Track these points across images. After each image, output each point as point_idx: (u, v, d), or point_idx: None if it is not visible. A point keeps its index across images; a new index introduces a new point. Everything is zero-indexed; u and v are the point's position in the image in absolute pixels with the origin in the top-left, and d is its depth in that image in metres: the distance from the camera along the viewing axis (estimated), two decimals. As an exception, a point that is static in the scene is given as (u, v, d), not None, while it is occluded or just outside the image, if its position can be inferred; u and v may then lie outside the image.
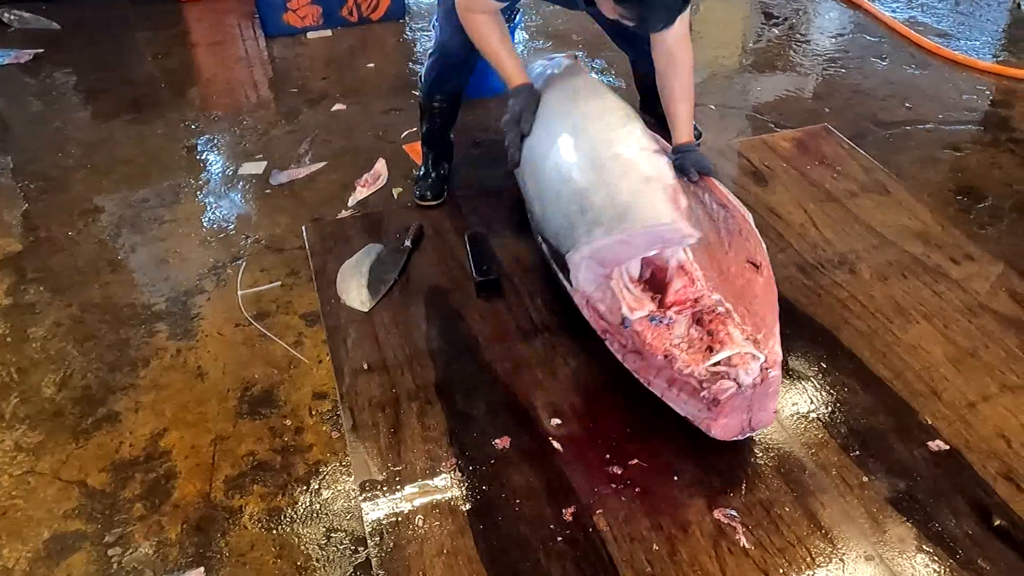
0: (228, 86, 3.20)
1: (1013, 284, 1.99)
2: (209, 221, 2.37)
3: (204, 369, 1.87)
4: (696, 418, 1.54)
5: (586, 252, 1.62)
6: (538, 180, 1.86)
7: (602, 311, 1.64)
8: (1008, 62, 3.19)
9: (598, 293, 1.65)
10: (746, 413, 1.52)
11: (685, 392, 1.53)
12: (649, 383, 1.60)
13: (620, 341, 1.63)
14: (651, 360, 1.55)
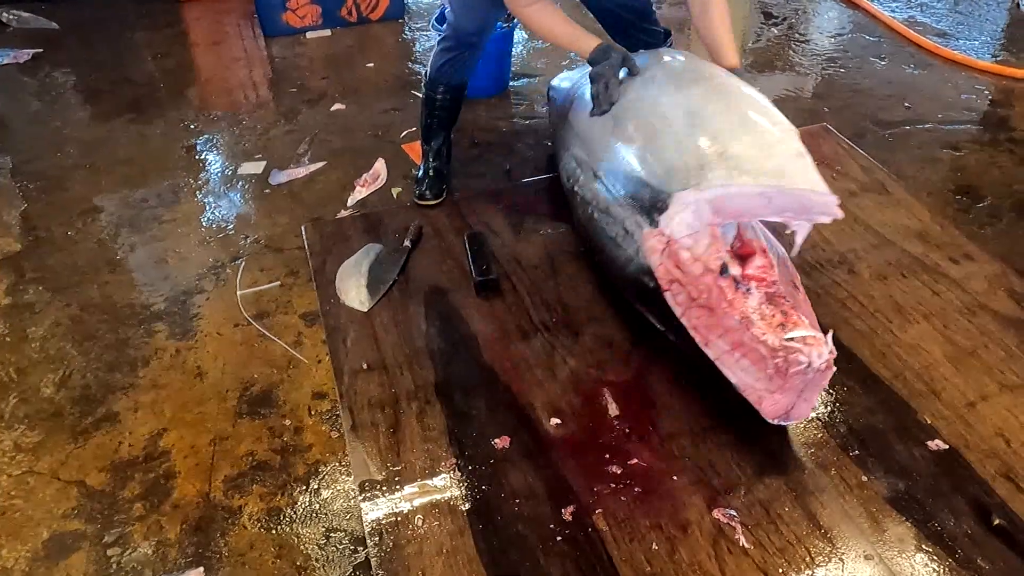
0: (227, 86, 3.20)
1: (1012, 283, 1.99)
2: (208, 221, 2.37)
3: (203, 369, 1.87)
4: (750, 388, 1.52)
5: (715, 194, 1.53)
6: (649, 113, 1.77)
7: (683, 259, 1.56)
8: (1007, 62, 3.19)
9: (688, 240, 1.56)
10: (797, 397, 1.51)
11: (748, 358, 1.50)
12: (707, 343, 1.55)
13: (691, 294, 1.56)
14: (723, 320, 1.51)
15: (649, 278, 1.63)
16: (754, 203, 1.54)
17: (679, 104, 1.73)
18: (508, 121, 2.81)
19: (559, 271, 2.07)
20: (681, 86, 1.79)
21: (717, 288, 1.53)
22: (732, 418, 1.65)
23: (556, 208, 2.32)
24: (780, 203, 1.54)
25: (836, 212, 1.53)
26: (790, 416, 1.56)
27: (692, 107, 1.70)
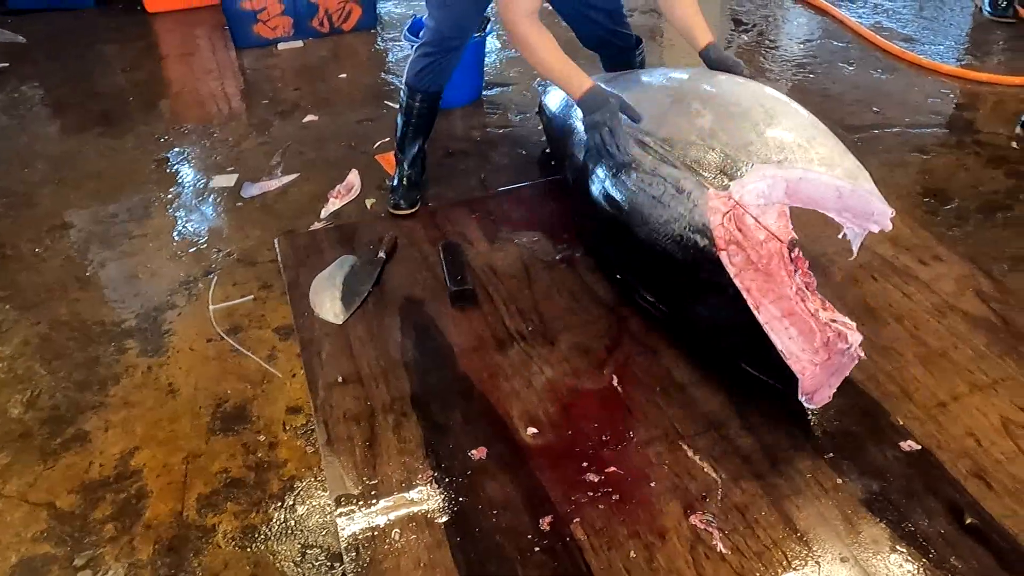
0: (198, 98, 3.17)
1: (980, 284, 2.02)
2: (180, 235, 2.35)
3: (176, 386, 1.84)
4: (795, 357, 1.55)
5: (795, 175, 1.61)
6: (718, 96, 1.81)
7: (747, 223, 1.59)
8: (972, 65, 3.24)
9: (755, 209, 1.61)
10: (827, 378, 1.57)
11: (797, 327, 1.56)
12: (759, 306, 1.57)
13: (750, 256, 1.58)
14: (778, 287, 1.56)
15: (701, 236, 1.64)
16: (826, 194, 1.64)
17: (751, 95, 1.81)
18: (482, 130, 2.82)
19: (534, 280, 2.07)
20: (741, 82, 1.88)
21: (779, 256, 1.58)
22: (708, 423, 1.66)
23: (532, 216, 2.32)
24: (847, 202, 1.65)
25: (888, 224, 1.67)
26: (815, 399, 1.59)
27: (765, 101, 1.78)
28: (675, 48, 3.46)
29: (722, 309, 1.64)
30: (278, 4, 3.43)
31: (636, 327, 1.92)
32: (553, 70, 1.90)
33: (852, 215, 1.67)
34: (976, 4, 3.72)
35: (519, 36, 1.90)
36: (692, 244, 1.66)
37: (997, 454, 1.58)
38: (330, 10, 3.53)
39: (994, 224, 2.30)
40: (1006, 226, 2.29)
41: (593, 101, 1.85)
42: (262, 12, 3.43)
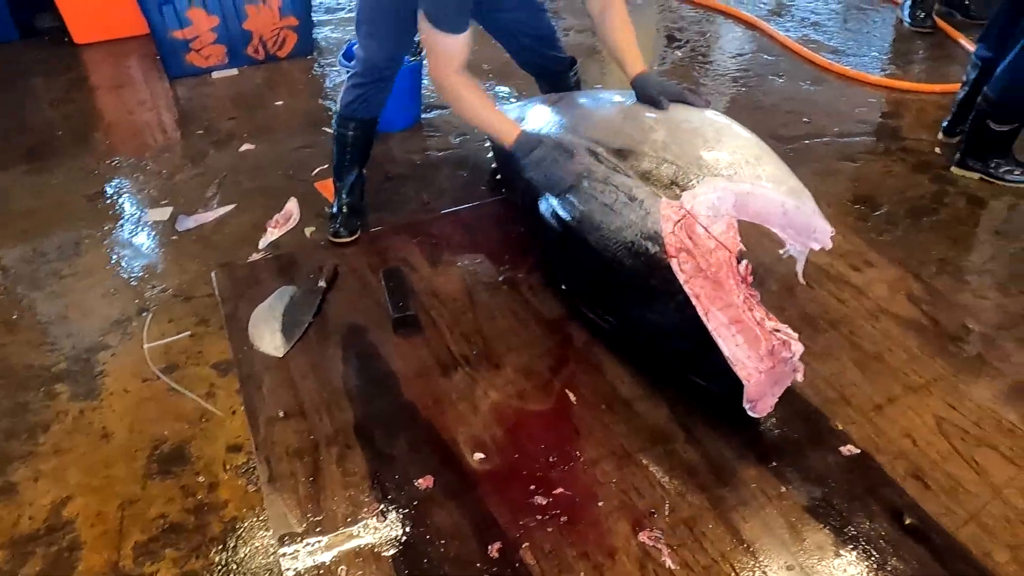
0: (131, 130, 3.10)
1: (911, 287, 2.08)
2: (113, 273, 2.28)
3: (109, 429, 1.78)
4: (742, 364, 1.57)
5: (744, 189, 1.65)
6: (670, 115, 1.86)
7: (697, 232, 1.62)
8: (895, 75, 3.36)
9: (706, 219, 1.64)
10: (769, 386, 1.60)
11: (743, 335, 1.58)
12: (707, 312, 1.58)
13: (700, 264, 1.61)
14: (726, 295, 1.59)
15: (652, 243, 1.66)
16: (772, 210, 1.68)
17: (700, 115, 1.86)
18: (422, 154, 2.81)
19: (477, 303, 2.06)
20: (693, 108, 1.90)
21: (728, 265, 1.61)
22: (654, 438, 1.67)
23: (474, 238, 2.32)
24: (791, 219, 1.69)
25: (828, 243, 1.71)
26: (758, 407, 1.62)
27: (715, 122, 1.83)
28: (613, 64, 3.51)
29: (671, 316, 1.66)
30: (211, 33, 3.38)
31: (580, 344, 1.92)
32: (483, 123, 1.97)
33: (795, 231, 1.72)
34: (897, 16, 3.87)
35: (448, 92, 1.93)
36: (643, 251, 1.67)
37: (933, 454, 1.62)
38: (264, 37, 3.49)
39: (921, 228, 2.38)
40: (932, 229, 2.37)
41: (527, 144, 1.91)
42: (194, 41, 3.37)
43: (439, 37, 1.85)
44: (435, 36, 1.85)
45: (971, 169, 2.57)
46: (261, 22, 3.45)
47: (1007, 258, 2.24)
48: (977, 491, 1.54)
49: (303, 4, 3.51)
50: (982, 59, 2.60)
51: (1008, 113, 2.45)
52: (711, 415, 1.71)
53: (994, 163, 2.53)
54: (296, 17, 3.50)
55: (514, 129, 1.93)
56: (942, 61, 3.49)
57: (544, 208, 1.98)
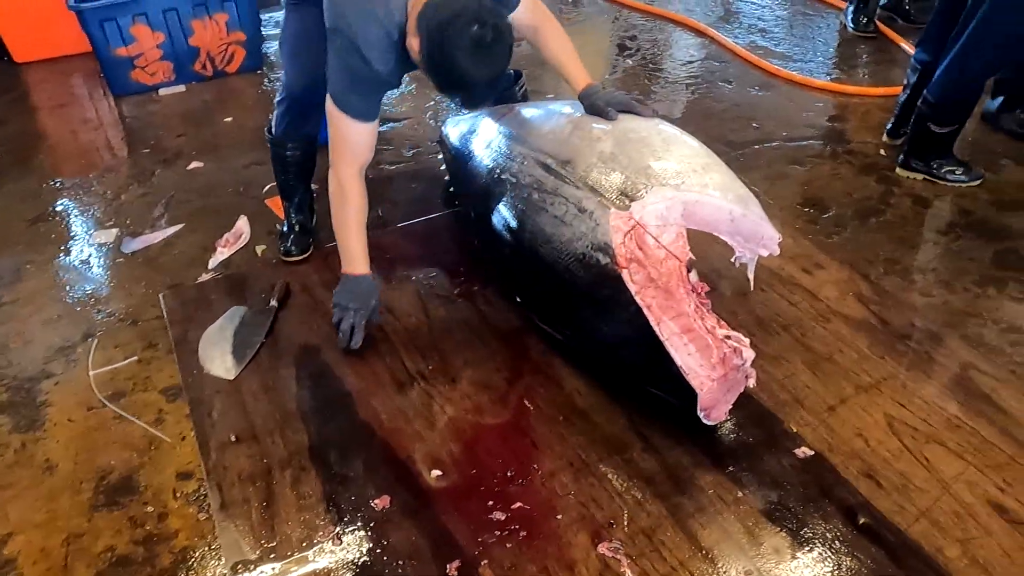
0: (75, 151, 3.02)
1: (860, 288, 2.11)
2: (56, 298, 2.21)
3: (53, 461, 1.72)
4: (694, 373, 1.57)
5: (692, 198, 1.65)
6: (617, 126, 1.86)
7: (648, 243, 1.62)
8: (840, 79, 3.43)
9: (655, 229, 1.64)
10: (722, 394, 1.61)
11: (695, 344, 1.58)
12: (659, 322, 1.58)
13: (650, 275, 1.61)
14: (678, 304, 1.59)
15: (603, 254, 1.66)
16: (720, 218, 1.69)
17: (647, 125, 1.87)
18: (375, 168, 2.78)
19: (433, 317, 2.05)
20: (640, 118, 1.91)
21: (678, 274, 1.61)
22: (612, 448, 1.67)
23: (428, 252, 2.30)
24: (739, 226, 1.70)
25: (776, 249, 1.73)
26: (711, 415, 1.62)
27: (663, 131, 1.84)
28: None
29: (623, 327, 1.66)
30: (156, 50, 3.31)
31: (536, 356, 1.91)
32: (341, 240, 1.93)
33: (743, 239, 1.73)
34: (841, 21, 3.95)
35: (337, 185, 1.89)
36: (594, 262, 1.67)
37: (884, 452, 1.65)
38: (212, 53, 3.43)
39: (869, 229, 2.42)
40: (879, 230, 2.42)
41: (353, 287, 1.90)
42: (139, 58, 3.31)
43: (346, 125, 1.80)
44: (340, 119, 1.80)
45: (914, 170, 2.63)
46: (208, 38, 3.39)
47: (951, 256, 2.29)
48: (927, 487, 1.57)
49: (251, 19, 3.46)
50: (921, 63, 2.66)
51: (947, 115, 2.51)
52: (668, 423, 1.72)
53: (936, 163, 2.59)
54: (244, 32, 3.45)
55: (359, 267, 1.91)
56: (885, 65, 3.57)
57: (496, 221, 1.97)
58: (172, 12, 3.27)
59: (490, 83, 1.69)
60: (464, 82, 1.64)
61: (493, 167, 2.02)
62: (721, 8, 4.20)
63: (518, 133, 2.03)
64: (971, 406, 1.75)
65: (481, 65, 1.62)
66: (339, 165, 1.88)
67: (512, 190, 1.92)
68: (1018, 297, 2.12)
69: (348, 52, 1.73)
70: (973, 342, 1.96)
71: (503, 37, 1.63)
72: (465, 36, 1.57)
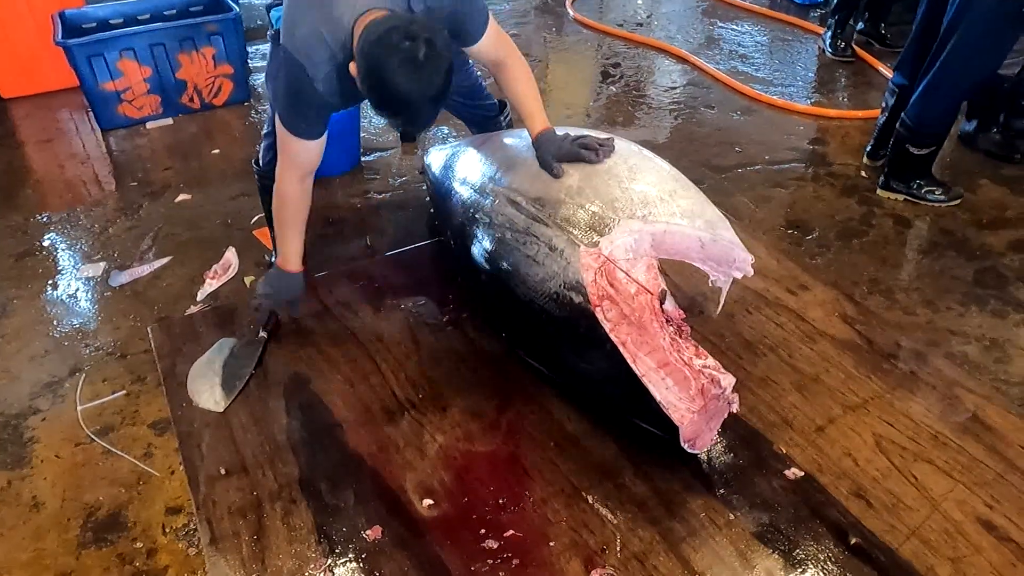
0: (61, 185, 3.03)
1: (844, 308, 2.13)
2: (43, 333, 2.20)
3: (40, 499, 1.71)
4: (674, 407, 1.57)
5: (659, 228, 1.65)
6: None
7: (618, 278, 1.62)
8: (821, 103, 3.50)
9: (625, 264, 1.64)
10: (705, 423, 1.61)
11: (672, 378, 1.58)
12: (635, 359, 1.58)
13: (623, 311, 1.60)
14: (652, 339, 1.59)
15: (576, 293, 1.65)
16: (690, 245, 1.69)
17: (618, 155, 1.84)
18: (363, 197, 2.81)
19: (422, 345, 2.05)
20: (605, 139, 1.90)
21: (651, 308, 1.61)
22: (603, 474, 1.67)
23: (416, 280, 2.31)
24: (710, 251, 1.71)
25: (749, 271, 1.73)
26: (696, 445, 1.62)
27: (629, 158, 1.83)
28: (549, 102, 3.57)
29: (601, 363, 1.66)
30: (143, 83, 3.34)
31: (526, 383, 1.92)
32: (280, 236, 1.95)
33: (715, 263, 1.74)
34: (819, 46, 4.03)
35: (281, 190, 1.90)
36: (568, 301, 1.68)
37: (873, 471, 1.66)
38: (199, 86, 3.46)
39: (852, 249, 2.46)
40: (862, 251, 2.46)
41: (279, 279, 1.94)
42: (126, 92, 3.33)
43: (292, 141, 1.82)
44: (288, 140, 1.82)
45: (895, 191, 2.68)
46: (195, 71, 3.42)
47: (933, 275, 2.32)
48: (917, 506, 1.58)
49: (238, 52, 3.50)
50: (898, 86, 2.72)
51: (925, 137, 2.56)
52: (658, 448, 1.72)
53: (916, 184, 2.64)
54: (231, 65, 3.49)
55: (293, 265, 1.94)
56: (863, 88, 3.64)
57: (475, 258, 1.98)
58: (159, 47, 3.30)
59: (430, 103, 1.64)
60: (398, 100, 1.60)
61: (469, 203, 2.04)
62: (703, 35, 4.29)
63: (491, 167, 2.03)
64: (957, 424, 1.76)
65: (414, 82, 1.57)
66: (284, 173, 1.89)
67: (487, 228, 1.92)
68: (1000, 314, 2.15)
69: (294, 70, 1.73)
70: (958, 360, 1.98)
71: (438, 54, 1.58)
72: (397, 52, 1.55)
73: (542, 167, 1.89)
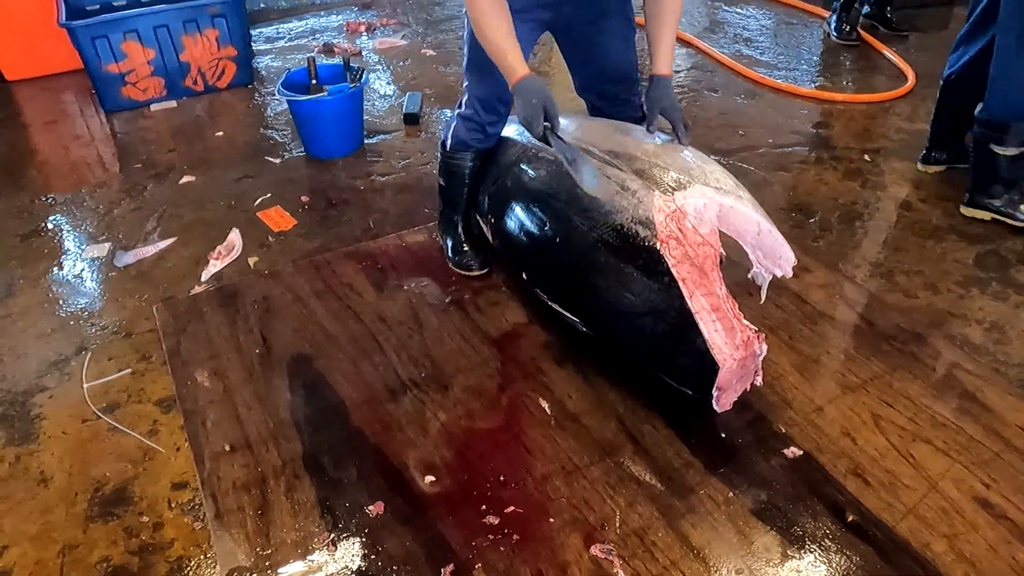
0: (66, 166, 3.03)
1: (845, 291, 2.15)
2: (49, 313, 2.22)
3: (48, 474, 1.73)
4: (719, 348, 1.62)
5: (727, 202, 1.71)
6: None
7: (686, 226, 1.69)
8: (825, 87, 3.48)
9: (692, 220, 1.70)
10: (737, 379, 1.68)
11: (722, 323, 1.65)
12: (691, 295, 1.63)
13: (687, 252, 1.66)
14: (710, 284, 1.66)
15: (643, 228, 1.70)
16: (748, 227, 1.75)
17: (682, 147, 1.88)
18: (366, 179, 2.81)
19: (425, 325, 2.07)
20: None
21: (713, 259, 1.68)
22: (602, 451, 1.69)
23: (419, 261, 2.32)
24: (763, 240, 1.77)
25: (790, 272, 1.79)
26: (721, 400, 1.68)
27: (700, 153, 1.88)
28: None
29: (652, 295, 1.69)
30: (147, 66, 3.34)
31: (527, 362, 1.93)
32: (496, 51, 1.79)
33: (763, 253, 1.79)
34: (824, 30, 4.01)
35: (473, 8, 1.78)
36: (632, 233, 1.71)
37: (871, 451, 1.67)
38: (203, 68, 3.46)
39: (854, 232, 2.46)
40: (864, 234, 2.45)
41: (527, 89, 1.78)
42: (130, 74, 3.33)
43: None
44: None
45: (985, 208, 2.43)
46: (199, 53, 3.42)
47: (935, 258, 2.32)
48: (914, 485, 1.59)
49: (241, 34, 3.49)
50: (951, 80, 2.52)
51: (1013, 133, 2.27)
52: (658, 426, 1.74)
53: (1006, 198, 2.38)
54: (235, 47, 3.48)
55: (521, 69, 1.78)
56: (867, 72, 3.62)
57: (528, 190, 2.00)
58: (163, 28, 3.29)
59: None
60: None
61: (531, 144, 2.05)
62: (707, 19, 4.26)
63: (564, 127, 1.97)
64: (956, 404, 1.78)
65: None
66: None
67: (551, 166, 1.95)
68: (1000, 297, 2.15)
69: None
70: (957, 342, 1.99)
71: None
72: None
73: (646, 106, 1.91)
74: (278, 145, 3.07)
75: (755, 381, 1.73)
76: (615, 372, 1.87)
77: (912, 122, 3.13)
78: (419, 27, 4.22)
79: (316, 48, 3.95)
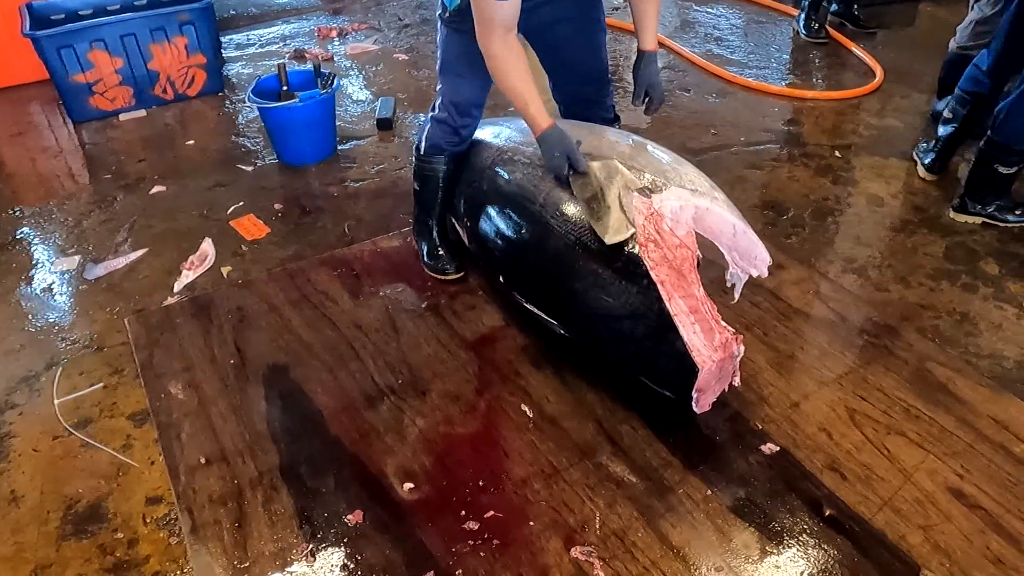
0: (34, 179, 2.98)
1: (819, 286, 2.17)
2: (18, 328, 2.18)
3: (19, 493, 1.69)
4: (697, 350, 1.62)
5: (703, 204, 1.73)
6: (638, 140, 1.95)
7: (663, 228, 1.69)
8: (795, 84, 3.52)
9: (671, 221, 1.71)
10: (715, 380, 1.68)
11: (700, 325, 1.65)
12: (670, 298, 1.64)
13: (666, 255, 1.67)
14: (688, 286, 1.67)
15: None
16: (724, 229, 1.76)
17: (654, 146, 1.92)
18: (340, 185, 2.79)
19: (401, 331, 2.06)
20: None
21: (690, 262, 1.69)
22: (581, 453, 1.69)
23: (395, 267, 2.31)
24: (739, 241, 1.78)
25: (765, 271, 1.79)
26: (701, 401, 1.68)
27: (670, 153, 1.91)
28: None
29: (631, 299, 1.69)
30: (115, 75, 3.29)
31: (504, 366, 1.93)
32: (518, 101, 1.83)
33: (739, 254, 1.80)
34: (793, 28, 4.05)
35: (490, 57, 1.80)
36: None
37: (847, 445, 1.69)
38: (172, 77, 3.42)
39: (826, 228, 2.48)
40: (836, 229, 2.48)
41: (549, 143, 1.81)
42: (97, 84, 3.28)
43: (489, 5, 1.72)
44: (486, 4, 1.72)
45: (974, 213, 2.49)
46: (167, 62, 3.38)
47: (905, 252, 2.35)
48: (889, 477, 1.61)
49: (210, 41, 3.46)
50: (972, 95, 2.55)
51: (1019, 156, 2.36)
52: (636, 426, 1.75)
53: (996, 206, 2.46)
54: (204, 55, 3.44)
55: (544, 121, 1.81)
56: (836, 69, 3.66)
57: (505, 193, 1.99)
58: (130, 37, 3.25)
59: None
60: None
61: (506, 147, 2.06)
62: (678, 18, 4.29)
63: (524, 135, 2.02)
64: (929, 396, 1.80)
65: None
66: (487, 38, 1.77)
67: (527, 168, 1.95)
68: (970, 289, 2.18)
69: None
70: (929, 334, 2.01)
71: None
72: None
73: (635, 81, 2.01)
74: (250, 153, 3.04)
75: (733, 382, 1.74)
76: (593, 374, 1.87)
77: (881, 118, 3.17)
78: (391, 32, 4.21)
79: (287, 54, 3.93)
